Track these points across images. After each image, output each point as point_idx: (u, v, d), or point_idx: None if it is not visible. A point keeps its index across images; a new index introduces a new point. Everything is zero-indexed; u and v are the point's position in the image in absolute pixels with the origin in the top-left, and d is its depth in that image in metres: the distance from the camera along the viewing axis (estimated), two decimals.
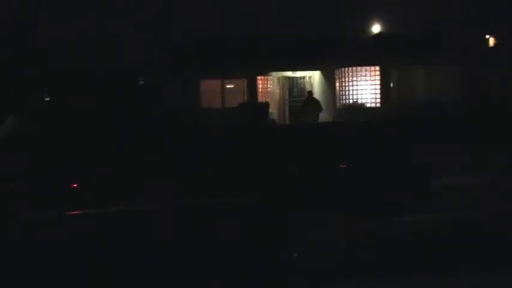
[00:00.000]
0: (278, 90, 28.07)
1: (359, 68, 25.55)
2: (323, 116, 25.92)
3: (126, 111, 9.58)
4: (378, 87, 25.40)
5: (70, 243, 7.34)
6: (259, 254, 7.60)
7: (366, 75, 25.54)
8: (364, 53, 25.14)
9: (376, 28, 30.14)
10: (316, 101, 25.22)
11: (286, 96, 28.39)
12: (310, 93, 25.85)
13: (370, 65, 25.39)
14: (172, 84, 25.20)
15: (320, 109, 24.73)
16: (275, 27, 28.16)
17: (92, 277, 7.33)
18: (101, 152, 8.00)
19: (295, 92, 28.13)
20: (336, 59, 25.34)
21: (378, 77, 25.43)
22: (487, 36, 31.34)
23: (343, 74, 25.94)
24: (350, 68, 25.67)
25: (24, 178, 7.40)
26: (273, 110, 26.92)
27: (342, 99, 26.06)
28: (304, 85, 27.93)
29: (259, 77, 27.16)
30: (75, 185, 7.51)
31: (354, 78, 25.64)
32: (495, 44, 30.23)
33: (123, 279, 7.44)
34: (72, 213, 7.40)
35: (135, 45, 26.64)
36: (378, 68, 25.41)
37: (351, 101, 25.74)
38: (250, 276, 7.59)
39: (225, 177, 7.75)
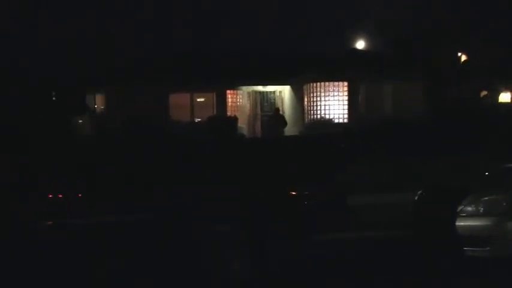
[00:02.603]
0: (248, 105, 27.94)
1: (327, 83, 25.51)
2: (291, 131, 25.96)
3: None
4: (346, 102, 25.36)
5: None
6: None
7: (334, 91, 25.50)
8: (332, 69, 25.13)
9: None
10: (281, 117, 25.52)
11: (258, 111, 28.29)
12: (277, 109, 26.17)
13: (338, 80, 25.34)
14: (141, 97, 25.06)
15: (285, 124, 25.02)
16: (247, 42, 28.26)
17: None
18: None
19: (266, 106, 28.01)
20: (303, 74, 25.33)
21: (346, 93, 25.40)
22: (459, 54, 31.56)
23: (311, 89, 25.88)
24: (318, 84, 25.63)
25: None
26: (242, 125, 26.80)
27: (310, 115, 25.99)
28: (274, 100, 27.82)
29: (228, 91, 27.05)
30: None
31: (322, 94, 25.58)
32: (464, 61, 30.38)
33: None
34: None
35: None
36: (346, 83, 25.38)
37: (319, 116, 25.67)
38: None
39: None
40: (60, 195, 7.96)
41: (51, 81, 22.20)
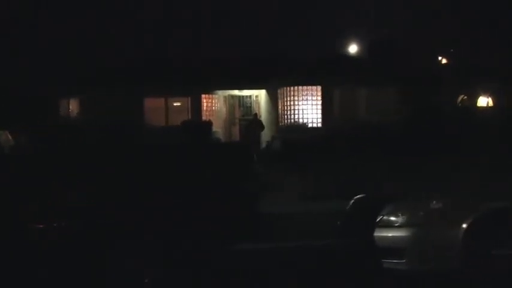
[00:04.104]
0: (224, 109, 27.67)
1: (301, 87, 25.26)
2: (267, 135, 25.82)
3: None
4: (320, 107, 25.09)
5: None
6: None
7: (307, 95, 25.25)
8: (306, 74, 24.87)
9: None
10: (259, 122, 25.71)
11: (235, 115, 28.03)
12: (256, 114, 26.31)
13: (312, 85, 25.09)
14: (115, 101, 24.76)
15: (262, 129, 25.43)
16: (223, 46, 28.03)
17: None
18: None
19: (242, 110, 27.74)
20: (278, 78, 25.08)
21: (320, 97, 25.13)
22: (439, 58, 31.32)
23: (285, 94, 25.63)
24: (292, 88, 25.38)
25: None
26: (218, 129, 26.54)
27: (284, 119, 25.74)
28: (250, 104, 27.57)
29: (204, 95, 26.78)
30: None
31: (296, 98, 25.33)
32: (444, 65, 30.15)
33: None
34: None
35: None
36: (319, 88, 25.11)
37: (293, 120, 25.44)
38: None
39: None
40: None
41: None
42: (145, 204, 7.47)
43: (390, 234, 7.38)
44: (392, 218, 7.46)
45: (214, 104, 27.25)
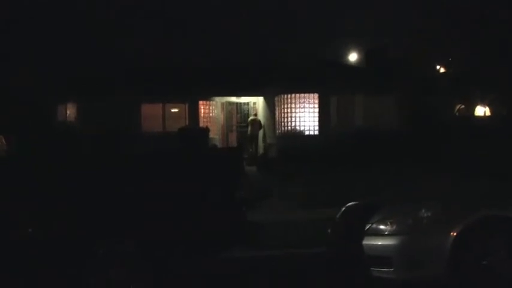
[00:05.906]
0: (222, 116, 27.64)
1: (298, 95, 25.21)
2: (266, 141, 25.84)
3: None
4: (317, 114, 25.04)
5: None
6: None
7: (304, 103, 25.19)
8: (303, 81, 24.84)
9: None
10: (258, 121, 26.49)
11: (232, 122, 28.01)
12: (255, 114, 26.83)
13: (309, 92, 25.04)
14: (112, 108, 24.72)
15: (261, 127, 26.26)
16: (221, 53, 28.03)
17: None
18: None
19: (239, 117, 27.71)
20: (274, 85, 25.03)
21: (317, 105, 25.08)
22: (438, 67, 31.31)
23: (282, 101, 25.58)
24: (289, 95, 25.32)
25: None
26: (215, 136, 26.52)
27: (281, 126, 25.68)
28: (248, 111, 27.56)
29: (201, 102, 26.75)
30: None
31: (293, 105, 25.28)
32: (442, 73, 30.12)
33: None
34: None
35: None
36: (316, 95, 25.06)
37: (290, 128, 25.37)
38: None
39: None
40: None
41: None
42: (136, 211, 7.38)
43: (379, 243, 7.30)
44: (381, 227, 7.38)
45: (212, 110, 27.23)
